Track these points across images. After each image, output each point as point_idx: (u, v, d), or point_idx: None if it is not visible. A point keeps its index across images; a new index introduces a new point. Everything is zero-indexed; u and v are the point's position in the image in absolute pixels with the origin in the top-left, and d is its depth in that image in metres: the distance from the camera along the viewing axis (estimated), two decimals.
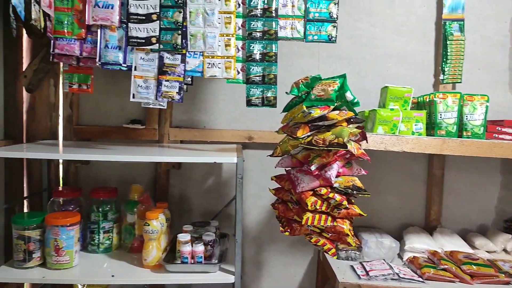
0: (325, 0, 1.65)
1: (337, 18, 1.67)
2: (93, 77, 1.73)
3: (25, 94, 2.11)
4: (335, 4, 1.65)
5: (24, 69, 2.03)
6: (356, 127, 1.55)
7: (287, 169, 1.66)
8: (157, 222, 1.79)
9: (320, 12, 1.65)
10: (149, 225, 1.76)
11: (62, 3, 1.56)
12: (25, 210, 2.18)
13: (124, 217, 2.01)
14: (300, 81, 1.59)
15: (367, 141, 1.62)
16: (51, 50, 1.59)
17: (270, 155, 1.65)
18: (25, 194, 2.16)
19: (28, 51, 2.09)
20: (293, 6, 1.65)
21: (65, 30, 1.57)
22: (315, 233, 1.59)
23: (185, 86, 1.78)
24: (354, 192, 1.49)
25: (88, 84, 1.71)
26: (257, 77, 1.65)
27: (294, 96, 1.62)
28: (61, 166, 2.25)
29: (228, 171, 2.39)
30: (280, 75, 1.74)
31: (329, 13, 1.66)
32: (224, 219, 2.33)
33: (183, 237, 1.78)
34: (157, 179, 2.34)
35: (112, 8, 1.55)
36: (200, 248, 1.75)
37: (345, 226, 1.53)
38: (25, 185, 2.16)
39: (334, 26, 1.67)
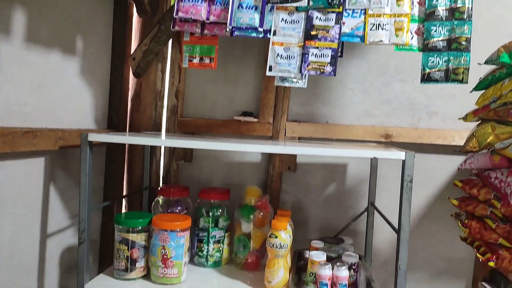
0: None
1: None
2: (218, 47, 1.40)
3: (131, 80, 1.88)
4: None
5: (132, 52, 1.80)
6: None
7: (481, 171, 1.18)
8: (286, 235, 1.39)
9: None
10: (276, 237, 1.37)
11: None
12: (123, 210, 1.94)
13: (237, 225, 1.64)
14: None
15: None
16: (174, 14, 1.30)
17: (458, 150, 1.18)
18: (124, 193, 1.91)
19: (138, 32, 1.87)
20: None
21: None
22: None
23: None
24: None
25: (211, 58, 1.39)
26: (441, 41, 1.19)
27: (496, 67, 1.14)
28: (161, 165, 1.99)
29: (353, 177, 1.94)
30: None
31: None
32: (347, 236, 1.88)
33: (318, 256, 1.36)
34: (268, 183, 1.96)
35: None
36: (344, 273, 1.31)
37: None
38: (125, 183, 1.92)
39: None
